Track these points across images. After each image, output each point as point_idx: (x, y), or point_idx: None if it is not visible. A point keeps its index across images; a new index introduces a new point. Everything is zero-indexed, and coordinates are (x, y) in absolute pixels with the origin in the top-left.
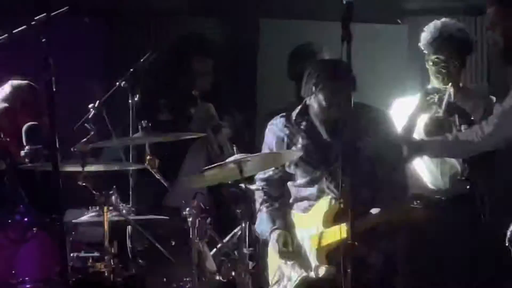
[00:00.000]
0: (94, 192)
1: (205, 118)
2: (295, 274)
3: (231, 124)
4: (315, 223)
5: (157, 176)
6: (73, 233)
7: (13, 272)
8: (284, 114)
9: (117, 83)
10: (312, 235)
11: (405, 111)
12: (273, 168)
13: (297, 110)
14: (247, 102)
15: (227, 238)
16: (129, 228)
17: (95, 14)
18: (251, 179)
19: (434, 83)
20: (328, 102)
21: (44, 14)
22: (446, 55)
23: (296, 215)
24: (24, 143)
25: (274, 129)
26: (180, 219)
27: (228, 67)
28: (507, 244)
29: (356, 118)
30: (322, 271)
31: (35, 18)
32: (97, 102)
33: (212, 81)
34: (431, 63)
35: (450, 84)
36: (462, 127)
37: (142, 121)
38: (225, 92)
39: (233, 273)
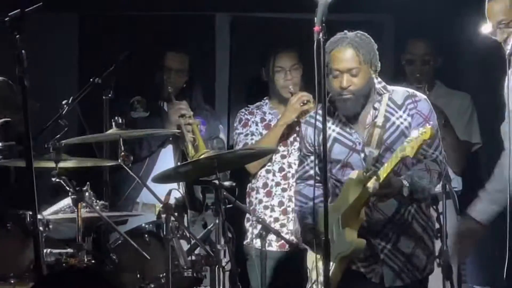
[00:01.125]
0: (68, 188)
1: (180, 114)
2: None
3: (206, 121)
4: (343, 203)
5: (131, 173)
6: (46, 229)
7: None
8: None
9: (91, 80)
10: (341, 215)
11: None
12: (305, 164)
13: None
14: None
15: (200, 235)
16: (102, 224)
17: (69, 11)
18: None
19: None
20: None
21: (18, 10)
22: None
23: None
24: None
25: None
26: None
27: (203, 63)
28: None
29: None
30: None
31: (9, 14)
32: (71, 98)
33: (187, 78)
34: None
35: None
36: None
37: (116, 118)
38: (200, 88)
39: (207, 269)
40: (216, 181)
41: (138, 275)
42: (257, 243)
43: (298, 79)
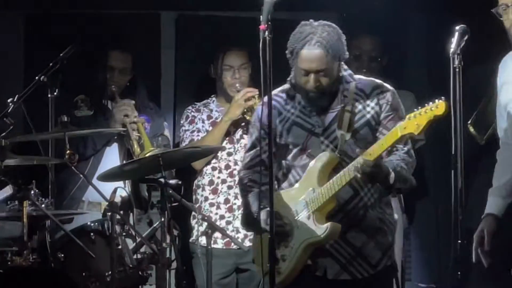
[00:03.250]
0: (13, 186)
1: (124, 113)
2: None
3: (151, 118)
4: (309, 186)
5: (76, 171)
6: None
7: None
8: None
9: (37, 78)
10: (309, 199)
11: None
12: (251, 153)
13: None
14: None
15: (146, 233)
16: (48, 222)
17: (14, 9)
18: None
19: None
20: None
21: None
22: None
23: (284, 193)
24: None
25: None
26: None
27: (149, 62)
28: None
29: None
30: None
31: None
32: (16, 96)
33: (130, 76)
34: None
35: None
36: None
37: (62, 116)
38: (144, 87)
39: (153, 268)
40: (162, 179)
41: (84, 274)
42: (203, 240)
43: (246, 78)
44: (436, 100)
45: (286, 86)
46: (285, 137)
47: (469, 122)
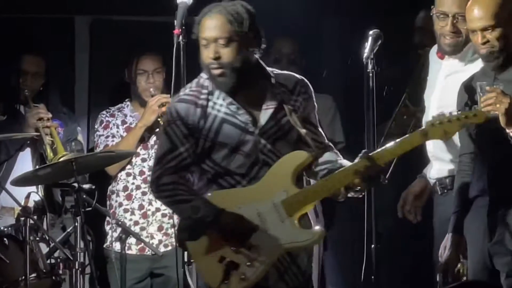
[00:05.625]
0: None
1: (38, 117)
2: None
3: (64, 123)
4: (278, 188)
5: None
6: None
7: None
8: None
9: None
10: (281, 201)
11: None
12: (173, 155)
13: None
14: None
15: (60, 238)
16: None
17: None
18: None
19: None
20: None
21: None
22: None
23: (233, 194)
24: None
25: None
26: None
27: (63, 66)
28: None
29: None
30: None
31: None
32: None
33: (43, 81)
34: None
35: None
36: None
37: None
38: (57, 91)
39: (66, 273)
40: (75, 184)
41: None
42: (117, 246)
43: (160, 83)
44: (474, 107)
45: (201, 81)
46: (212, 137)
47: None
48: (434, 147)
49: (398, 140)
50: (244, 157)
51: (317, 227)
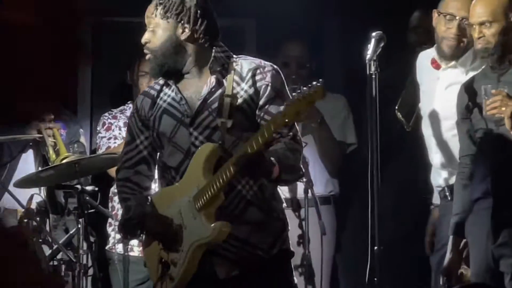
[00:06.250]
0: None
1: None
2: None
3: (66, 125)
4: (193, 183)
5: None
6: None
7: None
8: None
9: None
10: (193, 197)
11: None
12: (137, 143)
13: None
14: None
15: (62, 240)
16: None
17: None
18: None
19: None
20: None
21: None
22: None
23: (164, 193)
24: None
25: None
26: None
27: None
28: None
29: None
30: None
31: None
32: None
33: None
34: None
35: None
36: None
37: None
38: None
39: (69, 275)
40: (78, 186)
41: None
42: (119, 248)
43: None
44: (313, 83)
45: None
46: (156, 128)
47: (396, 107)
48: (441, 157)
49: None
50: (178, 150)
51: (218, 222)
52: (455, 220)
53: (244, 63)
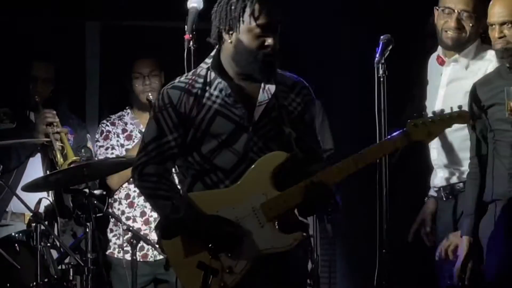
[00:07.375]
0: None
1: (47, 121)
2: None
3: (74, 130)
4: (258, 190)
5: (2, 182)
6: None
7: None
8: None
9: None
10: (260, 205)
11: None
12: (159, 143)
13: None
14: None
15: (71, 243)
16: None
17: None
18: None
19: None
20: None
21: None
22: None
23: (209, 196)
24: None
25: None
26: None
27: (73, 72)
28: None
29: None
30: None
31: None
32: None
33: (53, 87)
34: None
35: None
36: None
37: None
38: (66, 98)
39: (77, 278)
40: (86, 190)
41: (8, 285)
42: (120, 252)
43: (158, 85)
44: (457, 110)
45: (199, 70)
46: (203, 128)
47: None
48: (438, 156)
49: (381, 141)
50: (232, 153)
51: (296, 233)
52: (469, 220)
53: (284, 75)
